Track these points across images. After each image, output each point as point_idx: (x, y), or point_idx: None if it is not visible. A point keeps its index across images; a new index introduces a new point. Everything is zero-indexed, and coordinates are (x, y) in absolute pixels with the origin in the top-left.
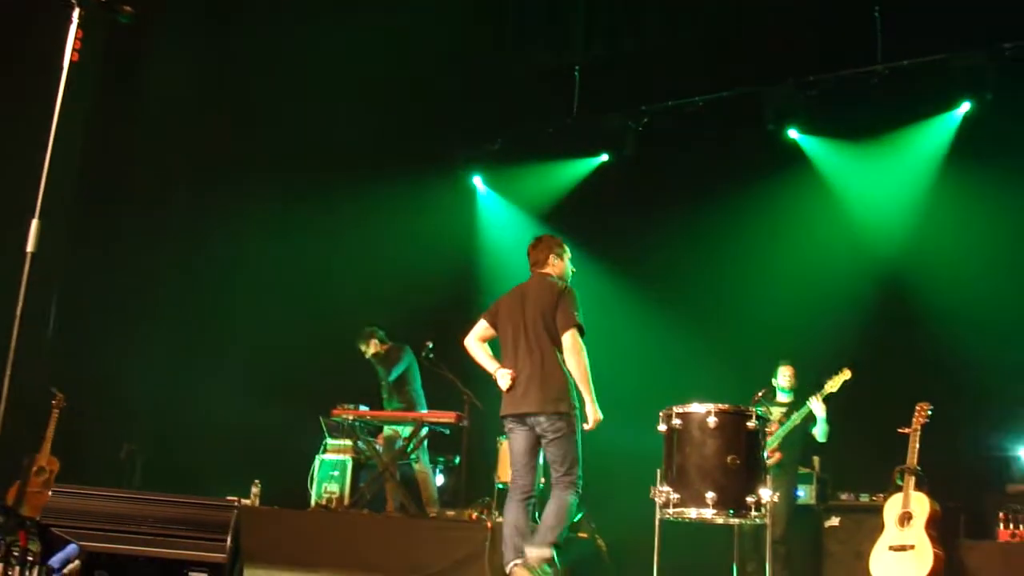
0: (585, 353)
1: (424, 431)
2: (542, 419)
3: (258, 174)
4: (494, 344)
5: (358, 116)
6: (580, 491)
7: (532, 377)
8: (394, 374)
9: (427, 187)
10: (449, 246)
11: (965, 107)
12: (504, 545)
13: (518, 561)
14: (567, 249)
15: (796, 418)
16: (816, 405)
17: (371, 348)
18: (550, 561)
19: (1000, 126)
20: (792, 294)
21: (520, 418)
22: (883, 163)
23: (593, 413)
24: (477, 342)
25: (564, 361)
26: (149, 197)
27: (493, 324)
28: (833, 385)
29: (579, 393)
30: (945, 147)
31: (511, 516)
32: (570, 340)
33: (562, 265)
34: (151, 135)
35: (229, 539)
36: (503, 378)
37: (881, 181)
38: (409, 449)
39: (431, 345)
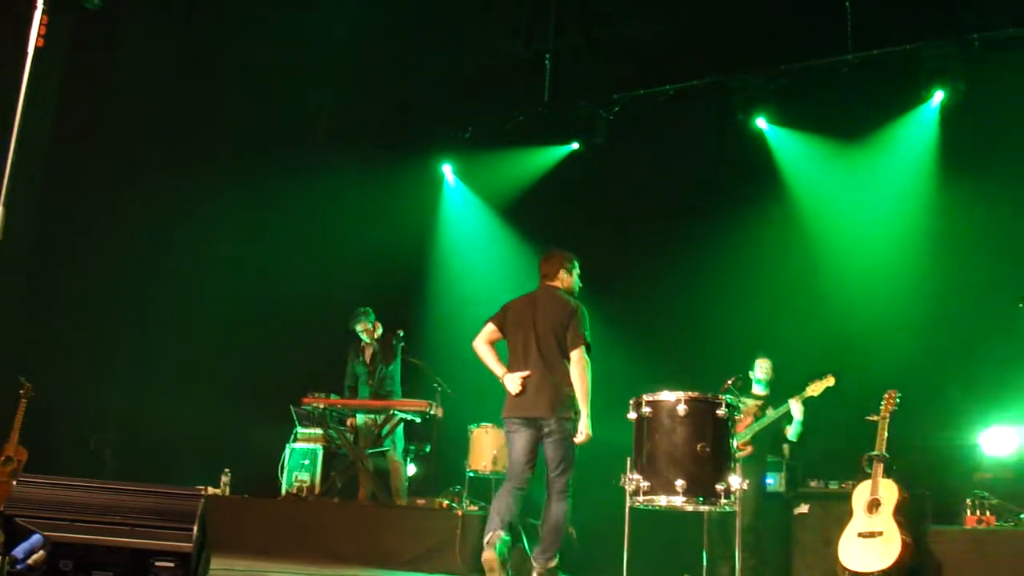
0: (590, 371)
1: (396, 418)
2: (551, 420)
3: (225, 162)
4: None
5: (328, 105)
6: (571, 495)
7: (543, 385)
8: (394, 362)
9: (397, 176)
10: (415, 236)
11: (939, 97)
12: (489, 519)
13: (500, 532)
14: (576, 265)
15: (773, 415)
16: (795, 407)
17: (377, 330)
18: (556, 568)
19: (973, 118)
20: (763, 285)
21: (529, 420)
22: (854, 159)
23: (585, 429)
24: (486, 345)
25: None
26: (116, 185)
27: (501, 328)
28: (815, 389)
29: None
30: (916, 141)
31: (502, 499)
32: (578, 357)
33: (570, 280)
34: (119, 121)
35: (196, 528)
36: (513, 382)
37: (849, 176)
38: (384, 432)
39: (401, 333)
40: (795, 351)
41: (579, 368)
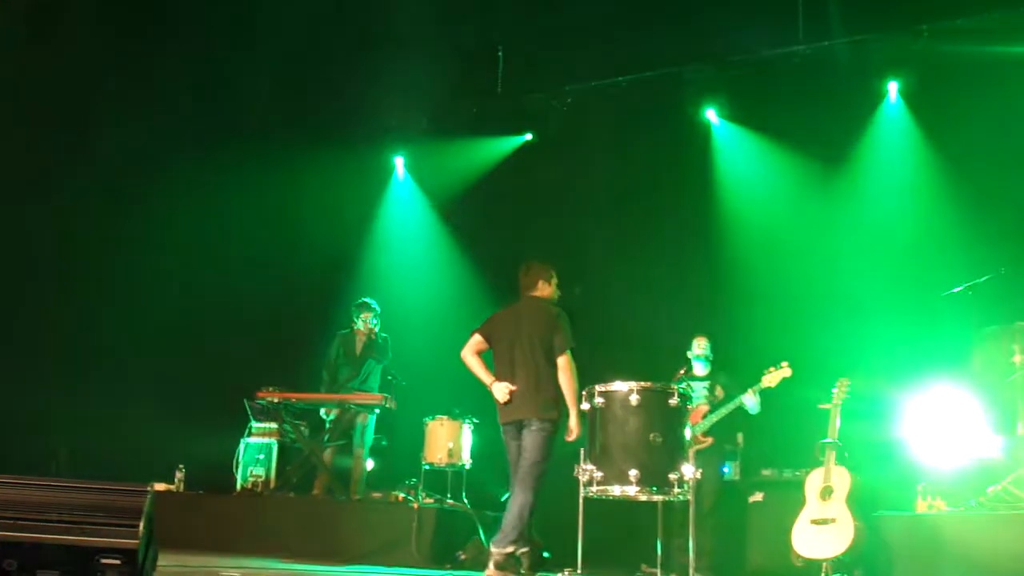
0: (576, 373)
1: (364, 413)
2: (532, 421)
3: (174, 154)
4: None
5: (282, 94)
6: (538, 491)
7: (527, 389)
8: (385, 361)
9: (349, 168)
10: (368, 229)
11: (894, 88)
12: None
13: (522, 549)
14: (554, 274)
15: (730, 406)
16: (750, 400)
17: (378, 325)
18: (511, 555)
19: (923, 109)
20: (718, 276)
21: (517, 424)
22: (801, 152)
23: (576, 427)
24: (473, 355)
25: (555, 376)
26: (63, 178)
27: (487, 339)
28: (771, 381)
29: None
30: (860, 133)
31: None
32: (565, 362)
33: (550, 289)
34: (61, 113)
35: (142, 524)
36: (500, 391)
37: (797, 169)
38: (357, 424)
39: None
40: (750, 341)
41: (567, 373)
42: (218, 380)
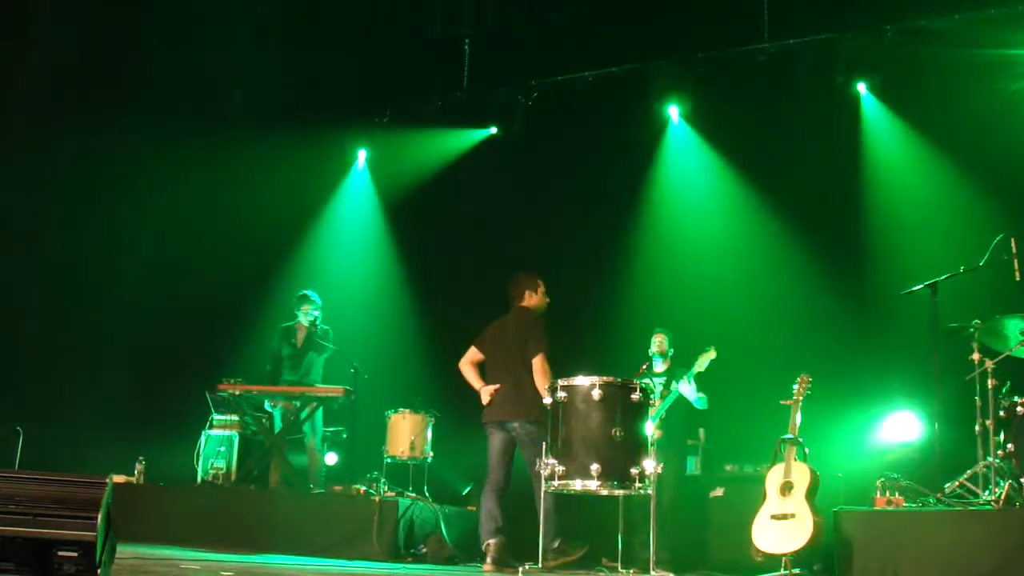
0: (550, 373)
1: (314, 404)
2: (516, 424)
3: (138, 139)
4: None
5: (248, 86)
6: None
7: (508, 392)
8: (326, 353)
9: (313, 161)
10: (324, 220)
11: (861, 88)
12: (481, 527)
13: (491, 540)
14: (541, 283)
15: (670, 398)
16: (685, 387)
17: (319, 317)
18: (561, 549)
19: (888, 108)
20: (675, 270)
21: (499, 423)
22: (761, 148)
23: None
24: (468, 365)
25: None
26: (28, 161)
27: (481, 349)
28: (700, 365)
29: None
30: (823, 129)
31: (487, 504)
32: (538, 363)
33: (537, 298)
34: (28, 100)
35: (99, 517)
36: (484, 394)
37: (760, 167)
38: (303, 416)
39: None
40: (711, 339)
41: (541, 373)
42: (179, 372)
